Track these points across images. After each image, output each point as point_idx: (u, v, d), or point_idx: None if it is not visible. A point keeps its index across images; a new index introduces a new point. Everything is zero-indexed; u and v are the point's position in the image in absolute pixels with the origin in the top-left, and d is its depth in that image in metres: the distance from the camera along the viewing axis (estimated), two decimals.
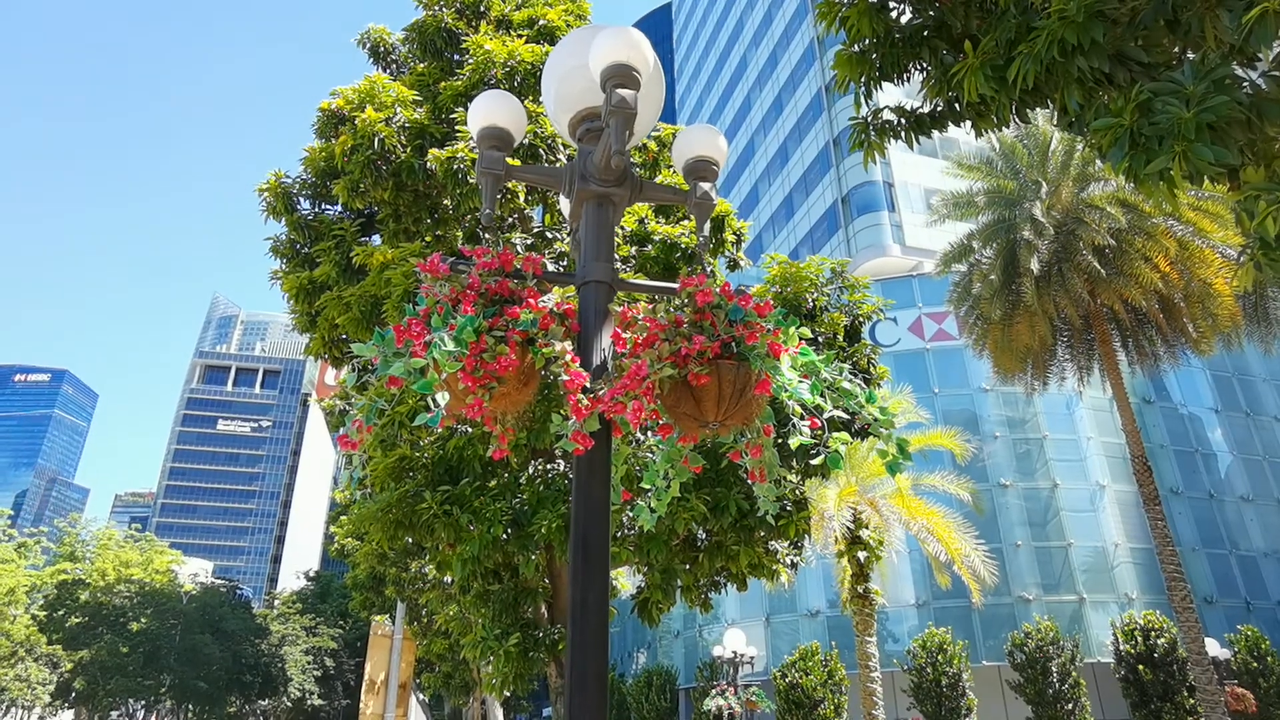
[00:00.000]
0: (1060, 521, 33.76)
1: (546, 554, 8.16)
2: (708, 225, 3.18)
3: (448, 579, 12.89)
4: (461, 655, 16.01)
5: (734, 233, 9.99)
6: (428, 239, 8.36)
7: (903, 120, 5.63)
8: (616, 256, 4.43)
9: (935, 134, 5.68)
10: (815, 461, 2.96)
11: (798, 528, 8.66)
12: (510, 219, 9.18)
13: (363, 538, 15.82)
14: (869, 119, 5.62)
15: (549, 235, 9.08)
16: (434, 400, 2.30)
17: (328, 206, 8.95)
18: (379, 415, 2.47)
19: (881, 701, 17.70)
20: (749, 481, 8.54)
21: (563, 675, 8.33)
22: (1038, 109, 5.02)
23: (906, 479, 18.46)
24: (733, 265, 10.38)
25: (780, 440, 2.68)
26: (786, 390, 2.55)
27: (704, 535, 8.91)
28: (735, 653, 22.92)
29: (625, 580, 17.01)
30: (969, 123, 5.26)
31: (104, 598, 54.80)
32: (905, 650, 29.46)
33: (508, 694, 11.76)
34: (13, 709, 48.05)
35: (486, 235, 3.02)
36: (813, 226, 48.20)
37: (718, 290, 2.67)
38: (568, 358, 2.42)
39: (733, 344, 2.58)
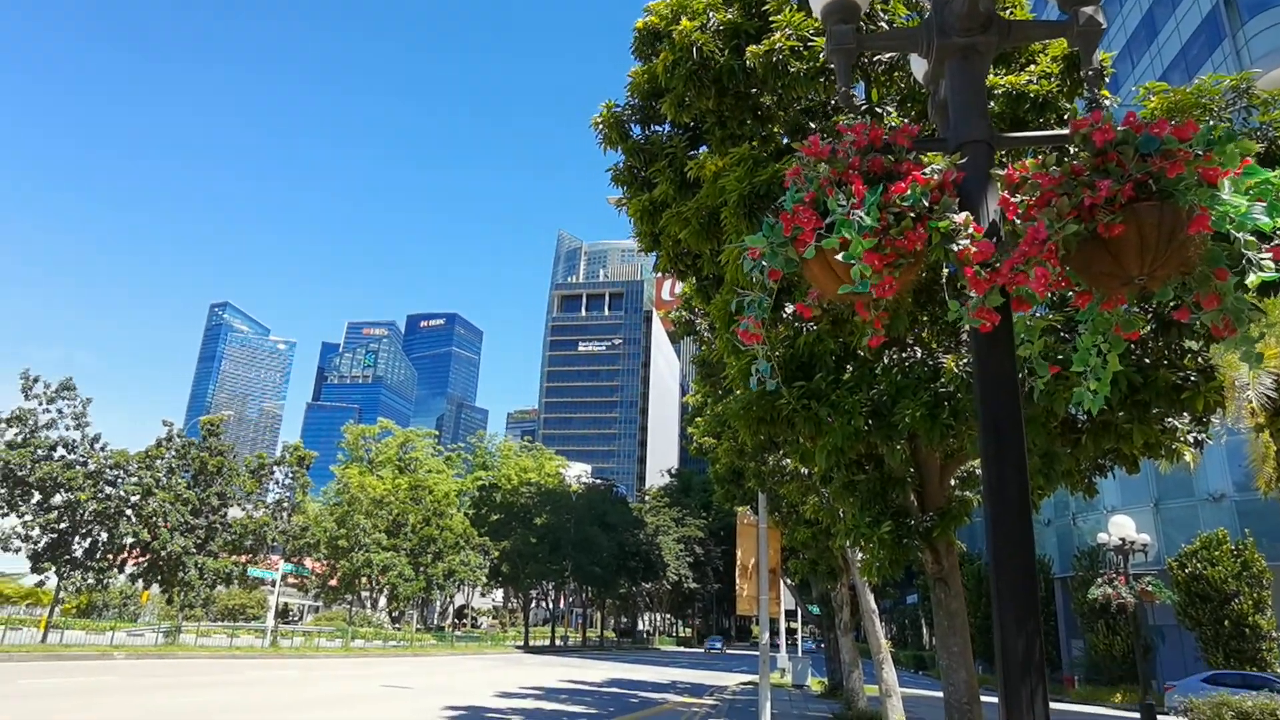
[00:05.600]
0: None
1: (910, 444, 7.99)
2: (1088, 57, 2.70)
3: (804, 470, 13.26)
4: (827, 544, 16.50)
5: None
6: (753, 141, 8.33)
7: None
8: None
9: None
10: None
11: (1206, 400, 7.47)
12: (833, 102, 8.80)
13: (719, 436, 16.81)
14: None
15: (877, 111, 8.56)
16: (860, 272, 2.26)
17: (656, 127, 9.28)
18: (762, 308, 2.54)
19: None
20: (1138, 351, 7.56)
21: (939, 563, 8.21)
22: None
23: None
24: (1094, 107, 8.93)
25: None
26: (1233, 220, 2.12)
27: (1085, 415, 8.09)
28: (1124, 540, 20.82)
29: None
30: None
31: (512, 498, 65.02)
32: None
33: (878, 581, 11.89)
34: (463, 586, 59.62)
35: (838, 118, 2.91)
36: (1184, 45, 39.69)
37: (1120, 125, 2.30)
38: (971, 229, 2.25)
39: (1150, 181, 2.21)
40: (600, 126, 9.24)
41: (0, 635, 26.93)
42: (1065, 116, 9.02)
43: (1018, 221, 2.38)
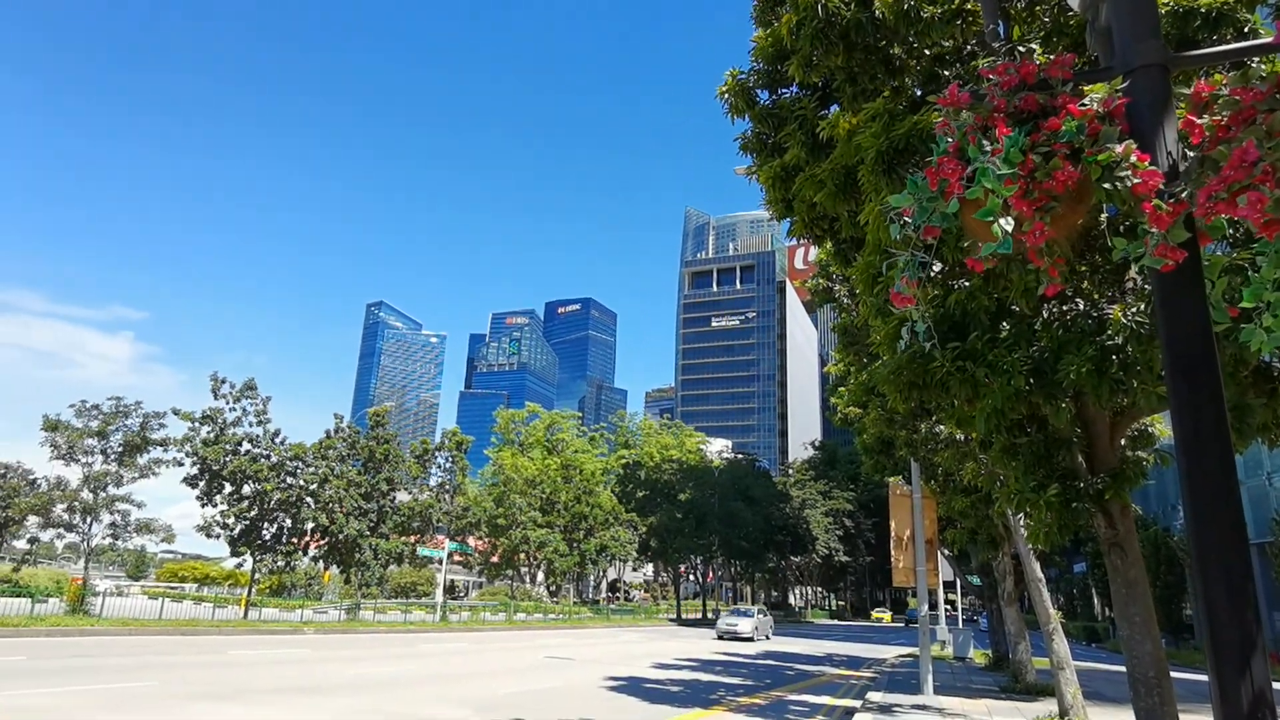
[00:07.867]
0: None
1: (1076, 402, 7.49)
2: None
3: (960, 436, 12.70)
4: (986, 511, 15.79)
5: None
6: (885, 94, 7.99)
7: None
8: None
9: None
10: None
11: None
12: (968, 47, 8.31)
13: (865, 405, 16.35)
14: None
15: (1020, 50, 7.99)
16: (1001, 227, 2.14)
17: (783, 90, 9.08)
18: (918, 268, 2.43)
19: None
20: None
21: (1114, 527, 7.68)
22: None
23: None
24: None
25: None
26: None
27: None
28: None
29: (1163, 425, 14.91)
30: None
31: (655, 475, 66.00)
32: None
33: (1041, 548, 11.25)
34: (614, 561, 61.30)
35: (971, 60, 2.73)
36: None
37: None
38: (1133, 158, 2.06)
39: None
40: (726, 96, 9.13)
41: (211, 612, 30.26)
42: (1245, 29, 8.12)
43: (1197, 149, 2.16)
